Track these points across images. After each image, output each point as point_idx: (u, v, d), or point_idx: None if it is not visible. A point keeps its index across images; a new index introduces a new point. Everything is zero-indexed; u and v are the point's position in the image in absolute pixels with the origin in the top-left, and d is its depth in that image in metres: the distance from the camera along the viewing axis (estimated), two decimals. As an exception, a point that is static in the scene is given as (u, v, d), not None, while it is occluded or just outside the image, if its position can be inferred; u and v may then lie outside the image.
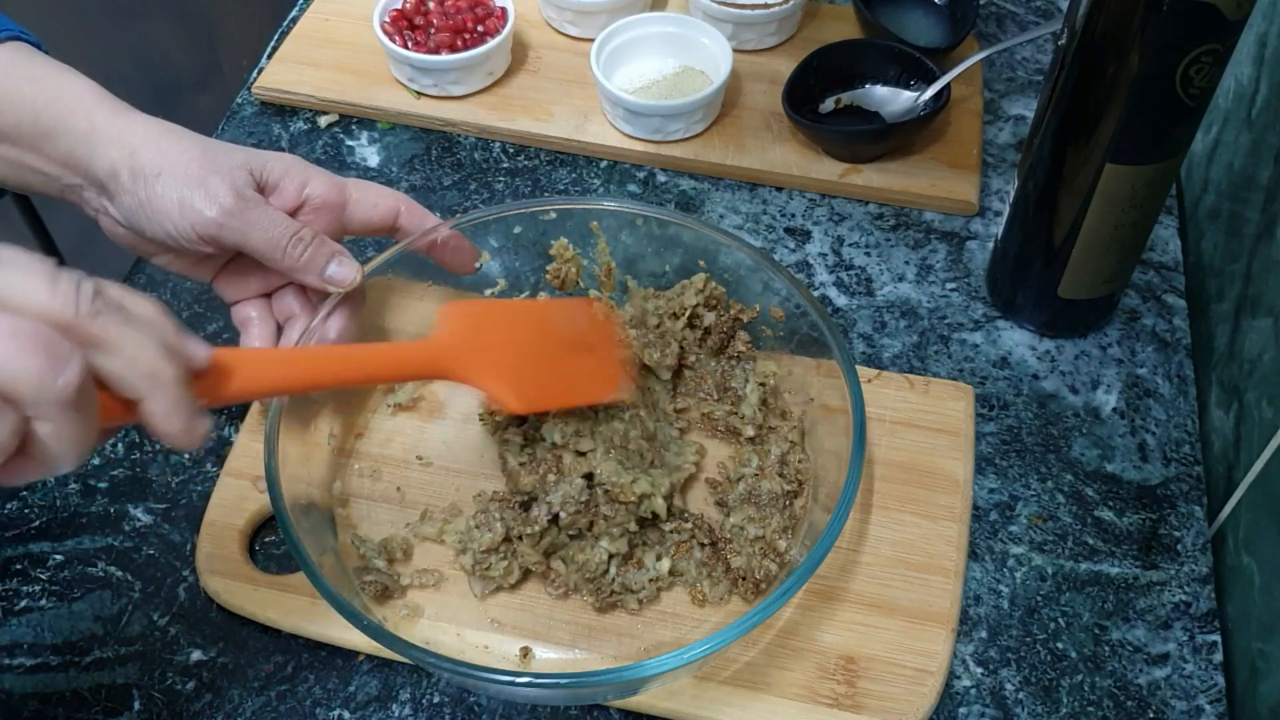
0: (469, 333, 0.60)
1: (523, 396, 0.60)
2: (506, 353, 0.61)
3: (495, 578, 0.61)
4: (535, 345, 0.63)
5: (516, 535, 0.61)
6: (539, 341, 0.63)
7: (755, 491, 0.63)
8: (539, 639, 0.60)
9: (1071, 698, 0.61)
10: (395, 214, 0.65)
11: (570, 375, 0.63)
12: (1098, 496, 0.68)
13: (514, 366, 0.61)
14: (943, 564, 0.63)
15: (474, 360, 0.59)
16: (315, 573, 0.53)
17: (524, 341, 0.62)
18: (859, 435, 0.59)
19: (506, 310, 0.67)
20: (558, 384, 0.62)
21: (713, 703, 0.58)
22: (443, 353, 0.59)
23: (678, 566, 0.62)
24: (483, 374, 0.59)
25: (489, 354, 0.60)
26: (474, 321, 0.61)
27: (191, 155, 0.59)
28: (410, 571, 0.62)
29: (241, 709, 0.59)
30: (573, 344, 0.64)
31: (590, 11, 0.92)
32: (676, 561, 0.62)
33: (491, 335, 0.61)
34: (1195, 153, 0.86)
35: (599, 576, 0.61)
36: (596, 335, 0.66)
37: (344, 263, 0.62)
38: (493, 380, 0.60)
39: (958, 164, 0.85)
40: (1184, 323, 0.77)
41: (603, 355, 0.65)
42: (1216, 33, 0.58)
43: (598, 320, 0.66)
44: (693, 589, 0.62)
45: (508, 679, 0.51)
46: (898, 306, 0.78)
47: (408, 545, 0.63)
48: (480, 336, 0.61)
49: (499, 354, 0.60)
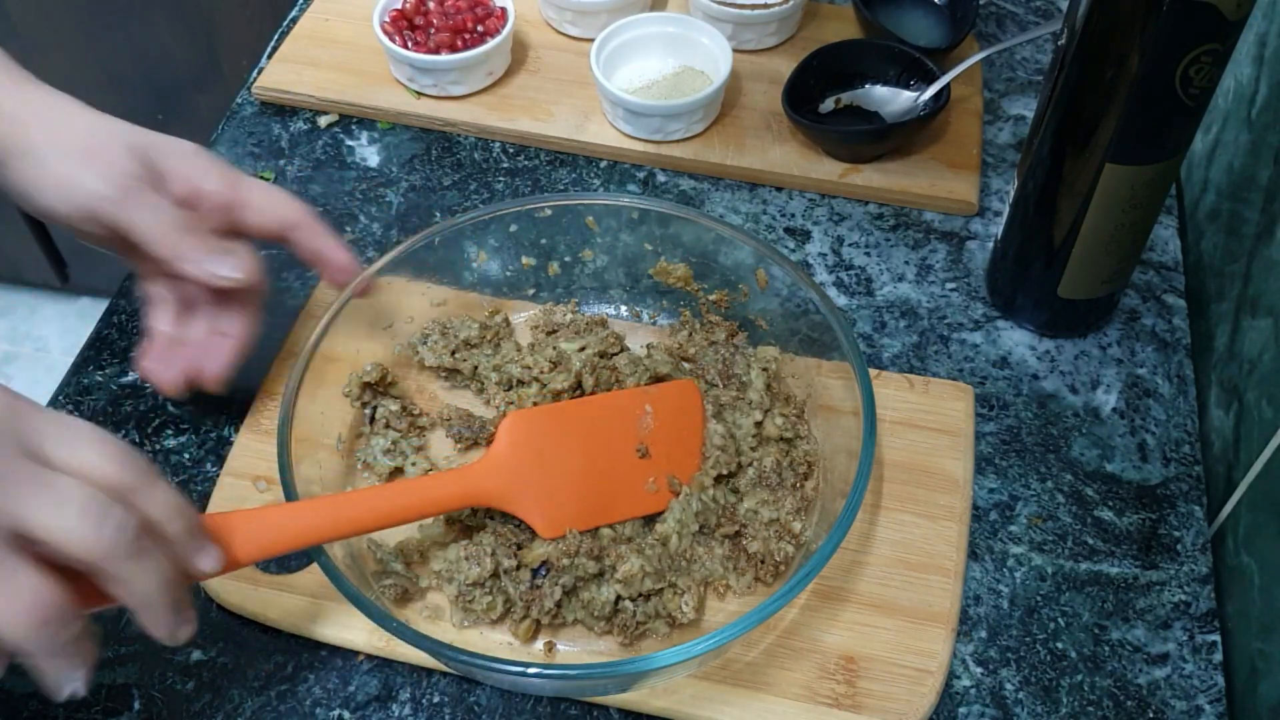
0: (523, 450, 0.61)
1: (554, 520, 0.60)
2: (552, 469, 0.61)
3: (478, 612, 0.60)
4: (586, 455, 0.62)
5: (504, 570, 0.60)
6: (592, 450, 0.63)
7: (765, 472, 0.64)
8: (559, 636, 0.61)
9: (1071, 698, 0.61)
10: (288, 227, 0.64)
11: (616, 486, 0.62)
12: (1097, 496, 0.68)
13: (556, 485, 0.61)
14: (943, 564, 0.63)
15: (516, 484, 0.60)
16: (339, 576, 0.54)
17: (576, 452, 0.62)
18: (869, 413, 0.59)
19: (569, 415, 0.64)
20: (600, 499, 0.62)
21: (712, 702, 0.58)
22: (486, 483, 0.59)
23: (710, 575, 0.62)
24: (521, 498, 0.60)
25: (533, 473, 0.61)
26: (532, 435, 0.61)
27: (78, 133, 0.58)
28: (428, 573, 0.62)
29: (241, 709, 0.59)
30: (630, 447, 0.63)
31: (590, 11, 0.92)
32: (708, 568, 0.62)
33: (545, 448, 0.61)
34: (1195, 153, 0.86)
35: (610, 616, 0.60)
36: (665, 429, 0.64)
37: (227, 259, 0.60)
38: (530, 504, 0.60)
39: (957, 164, 0.85)
40: (1184, 323, 0.77)
41: (662, 455, 0.64)
42: (1216, 33, 0.58)
43: (671, 411, 0.65)
44: (717, 582, 0.62)
45: (518, 670, 0.51)
46: (897, 306, 0.78)
47: (423, 548, 0.63)
48: (532, 452, 0.61)
49: (544, 471, 0.61)
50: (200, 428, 0.70)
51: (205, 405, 0.71)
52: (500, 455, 0.60)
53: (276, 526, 0.53)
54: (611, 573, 0.60)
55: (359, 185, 0.85)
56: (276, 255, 0.80)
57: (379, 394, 0.68)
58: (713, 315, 0.72)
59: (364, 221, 0.82)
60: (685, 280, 0.72)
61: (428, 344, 0.70)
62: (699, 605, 0.61)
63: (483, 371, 0.70)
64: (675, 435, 0.64)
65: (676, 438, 0.64)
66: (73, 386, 0.72)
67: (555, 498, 0.61)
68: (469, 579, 0.60)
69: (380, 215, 0.83)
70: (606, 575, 0.60)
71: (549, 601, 0.59)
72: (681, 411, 0.65)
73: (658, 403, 0.64)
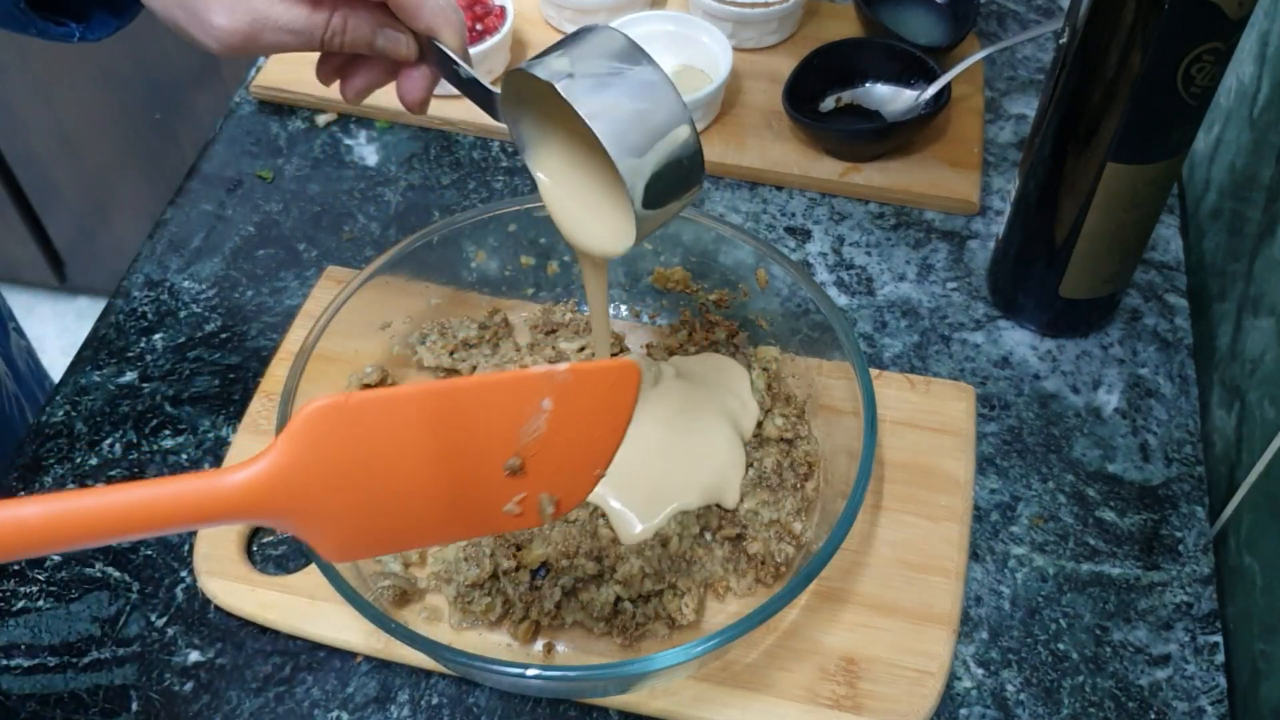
0: (316, 457, 0.44)
1: (346, 545, 0.47)
2: (360, 481, 0.45)
3: (476, 613, 0.60)
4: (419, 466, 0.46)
5: (503, 571, 0.60)
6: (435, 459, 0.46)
7: (765, 473, 0.63)
8: (559, 636, 0.60)
9: (1073, 699, 0.60)
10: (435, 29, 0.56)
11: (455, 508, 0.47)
12: (1099, 497, 0.68)
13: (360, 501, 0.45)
14: (944, 565, 0.63)
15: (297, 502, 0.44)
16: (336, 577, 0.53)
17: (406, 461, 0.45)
18: (870, 413, 0.59)
19: (409, 408, 0.45)
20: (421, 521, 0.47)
21: (712, 704, 0.58)
22: (248, 500, 0.43)
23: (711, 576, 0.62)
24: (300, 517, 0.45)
25: (326, 487, 0.44)
26: (339, 437, 0.44)
27: None
28: (425, 575, 0.62)
29: (239, 710, 0.59)
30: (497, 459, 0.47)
31: (590, 10, 0.92)
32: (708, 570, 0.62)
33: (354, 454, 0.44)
34: (1197, 152, 0.85)
35: (610, 617, 0.60)
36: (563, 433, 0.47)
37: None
38: (315, 526, 0.45)
39: (959, 163, 0.84)
40: (1186, 322, 0.77)
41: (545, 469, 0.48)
42: (1218, 31, 0.58)
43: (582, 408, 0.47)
44: (717, 583, 0.62)
45: (517, 671, 0.51)
46: (898, 306, 0.78)
47: (421, 549, 0.63)
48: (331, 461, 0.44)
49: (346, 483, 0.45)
50: (198, 428, 0.70)
51: (203, 406, 0.71)
52: (281, 466, 0.43)
53: None
54: (611, 574, 0.60)
55: (357, 184, 0.85)
56: (274, 255, 0.80)
57: (378, 394, 0.68)
58: (713, 315, 0.72)
59: (362, 220, 0.82)
60: (684, 283, 0.72)
61: (426, 344, 0.70)
62: (699, 606, 0.60)
63: (482, 371, 0.69)
64: (576, 440, 0.48)
65: (578, 443, 0.48)
66: (70, 386, 0.72)
67: (354, 516, 0.46)
68: (467, 580, 0.60)
69: (379, 214, 0.83)
70: (606, 576, 0.60)
71: (548, 603, 0.59)
72: (599, 408, 0.48)
73: (565, 396, 0.46)
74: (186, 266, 0.79)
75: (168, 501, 0.42)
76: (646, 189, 0.49)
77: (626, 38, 0.50)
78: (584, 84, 0.48)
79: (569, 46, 0.50)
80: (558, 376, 0.46)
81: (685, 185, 0.51)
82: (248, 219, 0.82)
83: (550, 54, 0.50)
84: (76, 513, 0.41)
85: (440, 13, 0.54)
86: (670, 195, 0.50)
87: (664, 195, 0.50)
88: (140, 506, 0.41)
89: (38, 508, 0.40)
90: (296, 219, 0.82)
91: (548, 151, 0.55)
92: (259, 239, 0.81)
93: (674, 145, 0.49)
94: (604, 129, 0.47)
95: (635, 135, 0.48)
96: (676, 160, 0.49)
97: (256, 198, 0.84)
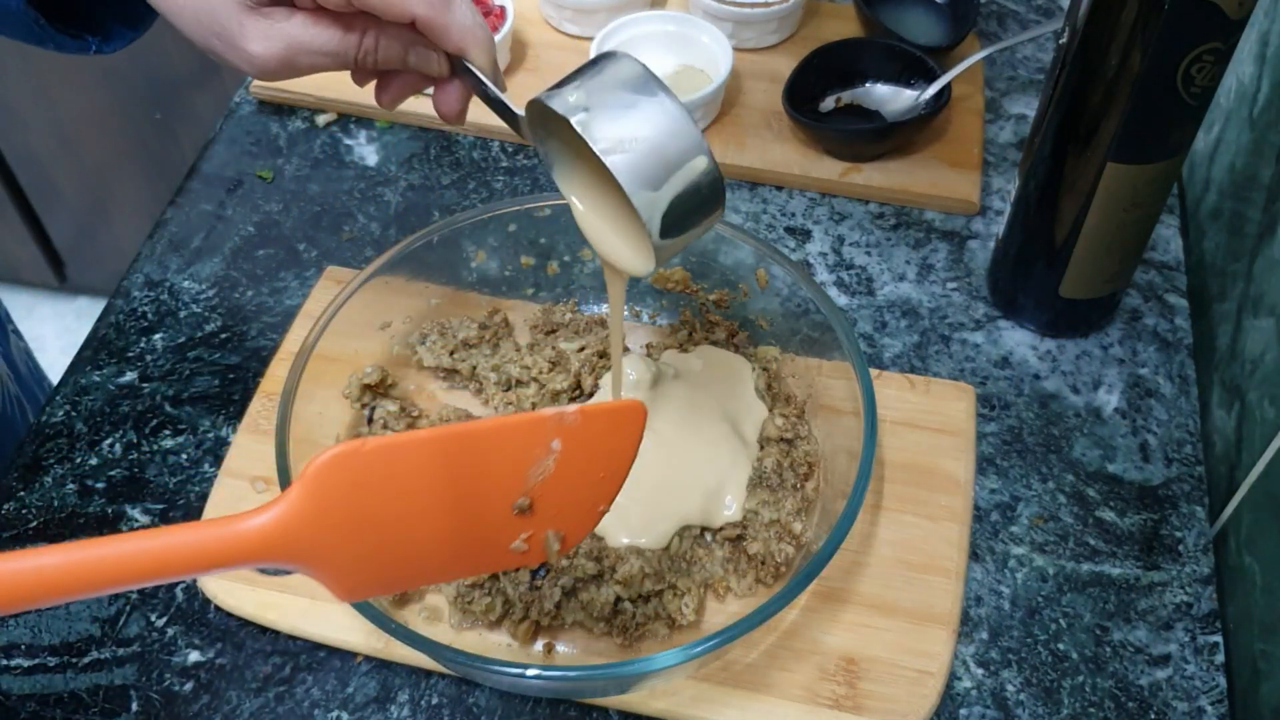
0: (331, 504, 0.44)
1: (356, 586, 0.48)
2: (373, 525, 0.46)
3: (476, 613, 0.60)
4: (431, 508, 0.47)
5: (503, 571, 0.60)
6: (445, 502, 0.47)
7: (765, 473, 0.63)
8: (559, 636, 0.60)
9: (1073, 699, 0.60)
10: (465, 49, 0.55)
11: (464, 546, 0.49)
12: (1099, 497, 0.68)
13: (373, 542, 0.46)
14: (944, 565, 0.63)
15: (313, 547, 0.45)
16: None
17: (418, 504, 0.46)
18: (870, 413, 0.59)
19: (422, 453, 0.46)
20: (432, 560, 0.48)
21: (712, 704, 0.58)
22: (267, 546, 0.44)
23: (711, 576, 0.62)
24: (315, 559, 0.45)
25: (340, 531, 0.45)
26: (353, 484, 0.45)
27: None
28: None
29: (239, 710, 0.59)
30: (506, 500, 0.48)
31: (590, 9, 0.92)
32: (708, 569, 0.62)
33: (367, 501, 0.45)
34: (1197, 152, 0.85)
35: (610, 617, 0.60)
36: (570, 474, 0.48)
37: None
38: (329, 567, 0.46)
39: (959, 163, 0.84)
40: (1186, 322, 0.77)
41: (551, 508, 0.49)
42: (1218, 31, 0.57)
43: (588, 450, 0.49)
44: (717, 583, 0.62)
45: (517, 671, 0.51)
46: (898, 306, 0.78)
47: None
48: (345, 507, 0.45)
49: (360, 527, 0.46)
50: (198, 428, 0.70)
51: (203, 406, 0.71)
52: (295, 514, 0.44)
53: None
54: (611, 574, 0.60)
55: (357, 184, 0.85)
56: (274, 255, 0.80)
57: (378, 395, 0.68)
58: (713, 315, 0.72)
59: (362, 220, 0.82)
60: (684, 283, 0.72)
61: (426, 344, 0.70)
62: (699, 607, 0.60)
63: (481, 372, 0.69)
64: (582, 480, 0.49)
65: (584, 483, 0.50)
66: (70, 386, 0.72)
67: (366, 558, 0.47)
68: (467, 580, 0.60)
69: (378, 214, 0.83)
70: (606, 576, 0.60)
71: (548, 603, 0.59)
72: (604, 453, 0.50)
73: (573, 437, 0.48)
74: (186, 266, 0.79)
75: (185, 550, 0.43)
76: (664, 219, 0.49)
77: (643, 67, 0.50)
78: (599, 117, 0.48)
79: (585, 77, 0.50)
80: (567, 419, 0.47)
81: (704, 213, 0.51)
82: (248, 219, 0.82)
83: (567, 85, 0.50)
84: (94, 562, 0.41)
85: (469, 33, 0.54)
86: (689, 223, 0.50)
87: (682, 224, 0.50)
88: (157, 555, 0.42)
89: (56, 557, 0.41)
90: (296, 219, 0.82)
91: (575, 171, 0.55)
92: (259, 239, 0.81)
93: (691, 176, 0.49)
94: (619, 163, 0.48)
95: (651, 168, 0.48)
96: (694, 189, 0.49)
97: (256, 198, 0.84)
